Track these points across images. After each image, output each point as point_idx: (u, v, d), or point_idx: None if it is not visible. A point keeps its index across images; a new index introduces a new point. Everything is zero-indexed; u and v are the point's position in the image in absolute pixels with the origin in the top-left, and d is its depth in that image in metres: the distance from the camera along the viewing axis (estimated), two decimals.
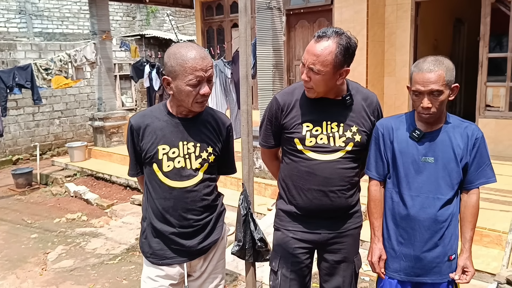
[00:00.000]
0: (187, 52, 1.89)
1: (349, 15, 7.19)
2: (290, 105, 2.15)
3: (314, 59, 1.97)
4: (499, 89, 6.63)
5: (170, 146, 2.02)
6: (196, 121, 2.09)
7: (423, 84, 1.95)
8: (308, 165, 2.12)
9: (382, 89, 7.51)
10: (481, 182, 2.08)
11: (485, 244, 3.98)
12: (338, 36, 1.98)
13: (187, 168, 2.04)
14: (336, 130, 2.11)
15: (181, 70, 1.89)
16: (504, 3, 6.38)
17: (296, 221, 2.23)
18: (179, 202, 2.04)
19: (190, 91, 1.92)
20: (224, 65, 6.65)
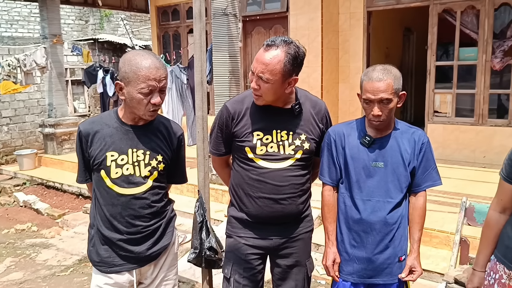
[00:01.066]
0: (142, 60, 1.89)
1: (304, 23, 7.32)
2: (240, 113, 2.16)
3: (263, 67, 1.99)
4: (446, 95, 6.94)
5: (119, 153, 2.01)
6: (147, 129, 2.08)
7: (373, 93, 2.01)
8: (259, 173, 2.14)
9: (336, 95, 7.68)
10: (428, 185, 2.16)
11: (434, 245, 4.14)
12: (286, 45, 2.00)
13: (135, 175, 2.03)
14: (285, 139, 2.14)
15: (134, 78, 1.88)
16: (450, 13, 6.69)
17: (248, 227, 2.24)
18: (127, 209, 2.03)
19: (141, 99, 1.92)
20: (180, 71, 6.60)
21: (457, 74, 6.75)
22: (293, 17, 7.48)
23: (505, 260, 1.81)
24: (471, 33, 6.57)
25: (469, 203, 2.88)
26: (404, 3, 7.02)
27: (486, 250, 1.95)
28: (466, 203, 2.88)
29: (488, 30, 6.36)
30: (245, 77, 8.38)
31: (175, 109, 6.68)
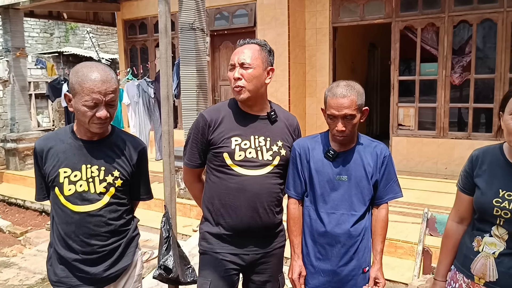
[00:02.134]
0: (88, 72, 1.86)
1: (272, 37, 7.42)
2: (217, 120, 2.17)
3: (243, 55, 2.12)
4: (409, 109, 7.14)
5: (72, 169, 1.95)
6: (102, 144, 2.02)
7: (337, 109, 2.06)
8: (237, 181, 2.13)
9: (304, 109, 7.79)
10: (389, 197, 2.22)
11: (399, 255, 4.22)
12: (259, 42, 2.21)
13: (90, 192, 1.96)
14: (263, 144, 2.17)
15: (79, 89, 1.85)
16: (411, 30, 6.93)
17: (225, 242, 2.20)
18: (81, 227, 1.96)
19: (86, 112, 1.88)
20: (147, 85, 6.56)
21: (419, 89, 6.98)
22: (261, 32, 7.57)
23: (463, 269, 1.87)
24: (432, 49, 6.82)
25: (430, 214, 2.95)
26: (368, 19, 7.22)
27: (446, 260, 2.01)
28: (428, 214, 2.95)
29: (448, 46, 6.61)
30: (213, 91, 8.39)
31: (142, 123, 6.62)
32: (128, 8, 9.43)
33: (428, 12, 6.72)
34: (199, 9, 5.29)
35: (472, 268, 1.81)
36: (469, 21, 6.48)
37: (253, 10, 7.65)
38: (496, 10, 6.22)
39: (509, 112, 1.69)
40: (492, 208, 1.75)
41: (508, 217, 1.71)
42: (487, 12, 6.30)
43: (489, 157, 1.84)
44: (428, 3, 6.71)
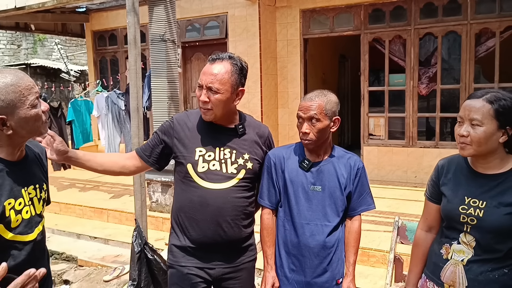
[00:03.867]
0: (7, 76, 1.61)
1: (243, 49, 7.45)
2: (183, 126, 2.16)
3: (212, 78, 2.04)
4: (379, 119, 7.27)
5: (15, 198, 1.68)
6: (27, 162, 1.79)
7: (303, 111, 2.10)
8: (200, 195, 2.09)
9: (276, 120, 7.83)
10: (362, 209, 2.24)
11: (372, 264, 4.26)
12: (231, 58, 2.11)
13: (33, 215, 1.75)
14: (228, 157, 2.13)
15: (18, 96, 1.59)
16: (379, 42, 7.08)
17: (190, 255, 2.16)
18: (31, 259, 1.72)
19: (37, 112, 1.65)
20: (117, 97, 6.46)
21: (388, 99, 7.12)
22: (232, 44, 7.60)
23: (433, 277, 1.89)
24: (399, 61, 6.98)
25: (401, 222, 2.99)
26: (338, 31, 7.35)
27: (416, 268, 2.03)
28: (399, 222, 2.99)
29: (414, 58, 6.79)
30: (185, 102, 8.35)
31: (111, 136, 6.51)
32: (97, 19, 9.31)
33: (395, 24, 6.89)
34: (169, 20, 5.26)
35: (442, 276, 1.84)
36: (434, 33, 6.68)
37: (224, 22, 7.67)
38: (460, 22, 6.43)
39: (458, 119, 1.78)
40: (458, 216, 1.78)
41: (474, 223, 1.74)
42: (452, 25, 6.51)
43: (454, 166, 1.88)
44: (395, 16, 6.89)
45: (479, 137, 1.69)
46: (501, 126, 1.69)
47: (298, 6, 7.45)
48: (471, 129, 1.71)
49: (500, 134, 1.69)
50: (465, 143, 1.73)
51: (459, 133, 1.75)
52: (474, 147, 1.72)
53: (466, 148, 1.74)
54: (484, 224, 1.72)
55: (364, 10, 7.03)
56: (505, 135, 1.69)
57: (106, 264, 4.87)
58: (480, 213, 1.73)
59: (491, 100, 1.69)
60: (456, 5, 6.45)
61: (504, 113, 1.68)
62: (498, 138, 1.70)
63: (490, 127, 1.68)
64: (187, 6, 7.84)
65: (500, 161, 1.75)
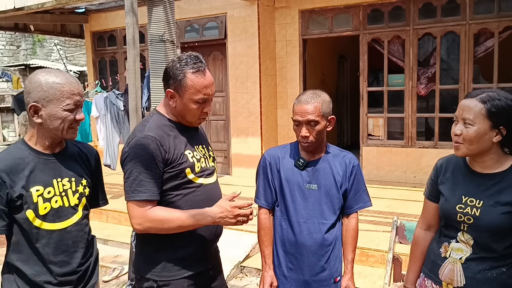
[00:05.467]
0: (58, 76, 1.80)
1: (242, 50, 7.46)
2: (164, 139, 1.91)
3: (213, 89, 2.00)
4: (378, 119, 7.28)
5: (44, 186, 1.83)
6: (65, 155, 1.94)
7: (301, 115, 2.10)
8: (203, 192, 2.01)
9: (275, 120, 7.83)
10: (359, 206, 2.24)
11: (371, 264, 4.26)
12: None
13: (65, 206, 1.88)
14: (205, 152, 2.10)
15: (58, 95, 1.77)
16: (378, 42, 7.09)
17: (188, 266, 1.98)
18: (60, 246, 1.90)
19: (67, 116, 1.80)
20: (116, 97, 6.46)
21: (387, 99, 7.13)
22: (231, 44, 7.60)
23: (432, 275, 1.90)
24: (398, 61, 6.99)
25: (400, 222, 2.99)
26: (337, 32, 7.36)
27: (415, 266, 2.04)
28: (397, 222, 2.99)
29: (413, 58, 6.79)
30: None
31: (110, 136, 6.50)
32: (96, 20, 9.32)
33: (394, 25, 6.90)
34: (168, 21, 5.26)
35: (440, 274, 1.84)
36: (433, 33, 6.69)
37: (223, 22, 7.68)
38: (459, 22, 6.44)
39: None
40: (455, 214, 1.79)
41: (471, 222, 1.75)
42: (450, 25, 6.51)
43: (452, 165, 1.89)
44: (394, 16, 6.90)
45: (470, 136, 1.70)
46: (494, 126, 1.69)
47: (297, 7, 7.45)
48: (464, 128, 1.72)
49: (493, 134, 1.70)
50: (458, 142, 1.75)
51: (453, 132, 1.77)
52: (466, 146, 1.73)
53: (459, 148, 1.76)
54: (480, 223, 1.73)
55: (363, 10, 7.04)
56: (498, 134, 1.70)
57: (105, 264, 4.87)
58: (477, 212, 1.73)
59: (484, 100, 1.70)
60: (455, 5, 6.45)
61: (497, 113, 1.68)
62: (491, 137, 1.70)
63: (482, 126, 1.69)
64: (186, 7, 7.84)
65: (497, 160, 1.75)
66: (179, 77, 1.92)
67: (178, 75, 1.92)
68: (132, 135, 1.97)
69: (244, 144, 7.61)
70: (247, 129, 7.58)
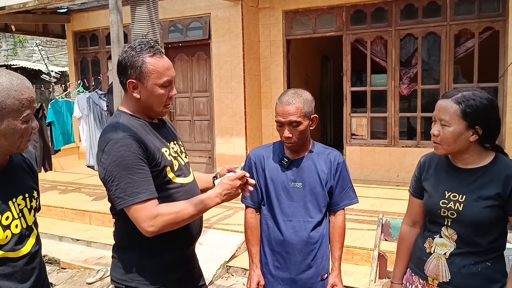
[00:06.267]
0: (13, 79, 1.49)
1: (226, 50, 7.45)
2: (141, 138, 1.79)
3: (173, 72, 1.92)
4: (361, 119, 7.34)
5: (1, 212, 1.54)
6: (12, 169, 1.64)
7: (283, 116, 2.10)
8: (184, 192, 1.89)
9: (260, 120, 7.84)
10: (345, 203, 2.26)
11: (356, 262, 4.30)
12: None
13: (23, 227, 1.62)
14: (177, 148, 1.98)
15: (17, 105, 1.47)
16: (361, 43, 7.16)
17: (178, 265, 1.93)
18: (27, 274, 1.63)
19: (26, 128, 1.53)
20: (99, 97, 6.39)
21: (371, 99, 7.20)
22: (215, 45, 7.59)
23: (418, 271, 1.92)
24: (381, 61, 7.06)
25: (385, 219, 3.02)
26: (320, 32, 7.40)
27: (401, 262, 2.06)
28: (383, 219, 3.02)
29: (395, 58, 6.87)
30: None
31: (93, 136, 6.42)
32: (78, 19, 9.21)
33: (376, 25, 6.97)
34: (152, 20, 5.22)
35: (426, 269, 1.87)
36: (415, 34, 6.77)
37: (207, 22, 7.66)
38: (439, 23, 6.54)
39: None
40: (439, 210, 1.82)
41: (455, 217, 1.78)
42: (431, 26, 6.61)
43: (435, 162, 1.93)
44: (376, 17, 6.97)
45: (447, 137, 1.74)
46: (469, 126, 1.72)
47: (281, 7, 7.48)
48: (441, 129, 1.76)
49: (470, 133, 1.73)
50: (436, 142, 1.79)
51: (431, 132, 1.81)
52: (444, 147, 1.77)
53: (438, 148, 1.80)
54: (463, 217, 1.76)
55: (346, 11, 7.10)
56: (475, 134, 1.72)
57: (89, 266, 4.81)
58: (460, 207, 1.76)
59: (459, 101, 1.73)
60: (436, 7, 6.55)
61: (471, 113, 1.71)
62: (468, 137, 1.73)
63: (457, 127, 1.72)
64: (170, 7, 7.80)
65: (478, 156, 1.79)
66: (138, 63, 1.79)
67: (137, 62, 1.79)
68: (105, 140, 1.77)
69: (228, 144, 7.60)
70: (231, 129, 7.57)
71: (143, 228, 1.70)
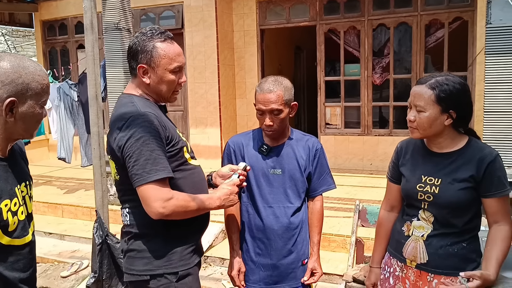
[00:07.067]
0: (37, 66, 1.50)
1: (200, 40, 7.38)
2: (159, 117, 1.80)
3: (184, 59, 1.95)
4: (335, 108, 7.42)
5: (11, 198, 1.52)
6: (16, 156, 1.63)
7: (264, 104, 2.09)
8: (197, 174, 1.93)
9: (234, 111, 7.82)
10: (323, 189, 2.29)
11: (333, 249, 4.36)
12: None
13: (26, 215, 1.60)
14: (182, 134, 1.98)
15: (39, 89, 1.49)
16: (335, 33, 7.21)
17: (197, 250, 1.95)
18: (30, 261, 1.62)
19: (40, 113, 1.54)
20: (69, 87, 6.23)
21: (344, 89, 7.28)
22: (189, 34, 7.50)
23: (396, 254, 1.97)
24: (354, 51, 7.14)
25: (362, 206, 3.08)
26: (294, 22, 7.41)
27: (380, 246, 2.10)
28: (359, 206, 3.08)
29: (368, 48, 6.96)
30: None
31: (64, 128, 6.27)
32: (46, 8, 8.93)
33: (349, 15, 7.03)
34: (124, 8, 5.13)
35: (404, 251, 1.91)
36: (387, 24, 6.87)
37: (180, 11, 7.56)
38: (411, 14, 6.64)
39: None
40: (416, 193, 1.86)
41: (431, 200, 1.83)
42: (403, 16, 6.71)
43: (412, 147, 1.98)
44: (349, 7, 7.03)
45: (423, 122, 1.79)
46: (444, 110, 1.77)
47: None
48: (417, 114, 1.80)
49: (444, 117, 1.78)
50: (412, 127, 1.84)
51: (408, 118, 1.84)
52: (420, 131, 1.82)
53: (414, 132, 1.85)
54: (439, 200, 1.81)
55: (319, 1, 7.12)
56: (449, 118, 1.78)
57: (63, 260, 4.73)
58: (436, 190, 1.81)
59: (433, 86, 1.78)
60: None
61: (445, 98, 1.76)
62: (443, 121, 1.78)
63: (432, 112, 1.77)
64: None
65: (452, 140, 1.84)
66: (149, 48, 1.81)
67: (148, 47, 1.81)
68: (122, 117, 1.74)
69: (203, 134, 7.56)
70: (205, 120, 7.53)
71: (153, 207, 1.67)
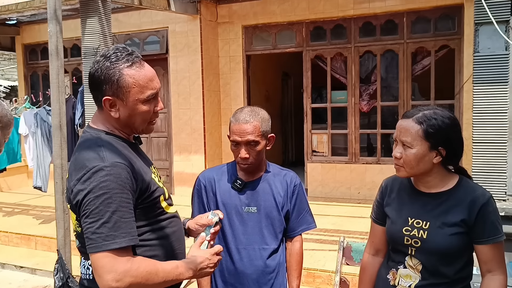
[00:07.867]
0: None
1: (184, 65, 7.27)
2: (130, 161, 1.52)
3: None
4: (322, 136, 7.29)
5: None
6: None
7: (239, 135, 1.94)
8: (176, 224, 1.67)
9: (220, 137, 7.65)
10: (303, 229, 2.12)
11: (317, 285, 4.14)
12: None
13: None
14: (156, 172, 1.72)
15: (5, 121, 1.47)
16: (321, 59, 7.14)
17: None
18: None
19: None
20: (47, 113, 6.03)
21: (331, 116, 7.16)
22: (173, 59, 7.40)
23: None
24: (341, 78, 7.06)
25: (346, 242, 2.89)
26: (280, 48, 7.34)
27: None
28: (344, 242, 2.89)
29: (355, 75, 6.88)
30: None
31: (40, 155, 6.04)
32: (28, 32, 8.80)
33: (336, 42, 6.98)
34: (104, 33, 4.99)
35: None
36: (373, 51, 6.82)
37: (165, 37, 7.47)
38: (397, 41, 6.61)
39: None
40: (402, 238, 1.69)
41: (419, 246, 1.66)
42: (389, 44, 6.67)
43: (398, 185, 1.82)
44: (336, 34, 6.98)
45: (409, 160, 1.63)
46: (432, 147, 1.62)
47: (240, 22, 7.38)
48: (403, 151, 1.65)
49: (433, 154, 1.63)
50: (398, 165, 1.68)
51: (393, 155, 1.69)
52: (407, 169, 1.66)
53: (400, 170, 1.69)
54: (428, 245, 1.64)
55: (306, 27, 7.08)
56: (438, 155, 1.63)
57: None
58: (424, 235, 1.65)
59: (421, 121, 1.63)
60: (393, 25, 6.62)
61: (434, 133, 1.61)
62: (432, 159, 1.63)
63: (420, 148, 1.62)
64: (126, 20, 7.56)
65: (441, 180, 1.68)
66: (114, 77, 1.49)
67: (113, 75, 1.49)
68: (84, 166, 1.45)
69: (187, 162, 7.36)
70: (190, 147, 7.35)
71: (106, 279, 1.36)
